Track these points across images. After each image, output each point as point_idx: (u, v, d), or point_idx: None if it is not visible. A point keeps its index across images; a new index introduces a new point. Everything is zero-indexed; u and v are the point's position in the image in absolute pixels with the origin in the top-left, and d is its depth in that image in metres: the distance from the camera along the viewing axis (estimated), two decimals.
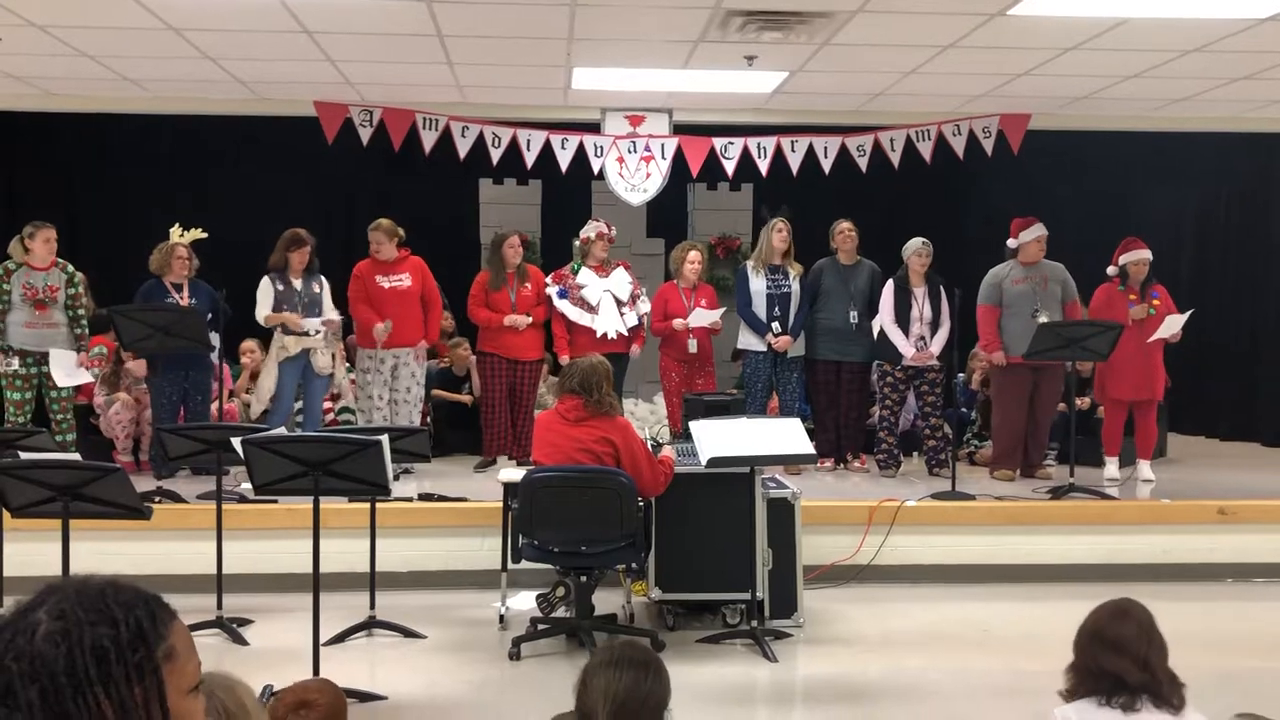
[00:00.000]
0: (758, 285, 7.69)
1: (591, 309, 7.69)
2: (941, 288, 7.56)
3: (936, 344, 7.51)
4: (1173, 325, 7.32)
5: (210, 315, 7.25)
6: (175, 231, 7.40)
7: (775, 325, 7.65)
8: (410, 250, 7.63)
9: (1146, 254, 7.43)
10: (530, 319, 7.63)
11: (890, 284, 7.62)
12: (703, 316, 7.73)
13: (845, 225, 7.82)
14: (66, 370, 6.84)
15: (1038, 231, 7.52)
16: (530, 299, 7.71)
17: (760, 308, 7.69)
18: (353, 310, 7.54)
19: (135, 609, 1.32)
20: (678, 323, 7.73)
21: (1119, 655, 2.69)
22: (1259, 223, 10.25)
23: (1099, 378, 7.73)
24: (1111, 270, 7.51)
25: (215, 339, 7.19)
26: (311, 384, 7.43)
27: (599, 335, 7.61)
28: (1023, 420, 7.55)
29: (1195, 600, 5.89)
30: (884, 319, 7.58)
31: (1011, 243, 7.59)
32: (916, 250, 7.59)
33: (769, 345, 7.66)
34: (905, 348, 7.48)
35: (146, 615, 1.32)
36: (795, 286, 7.69)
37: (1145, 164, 10.17)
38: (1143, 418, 7.55)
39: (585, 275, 7.75)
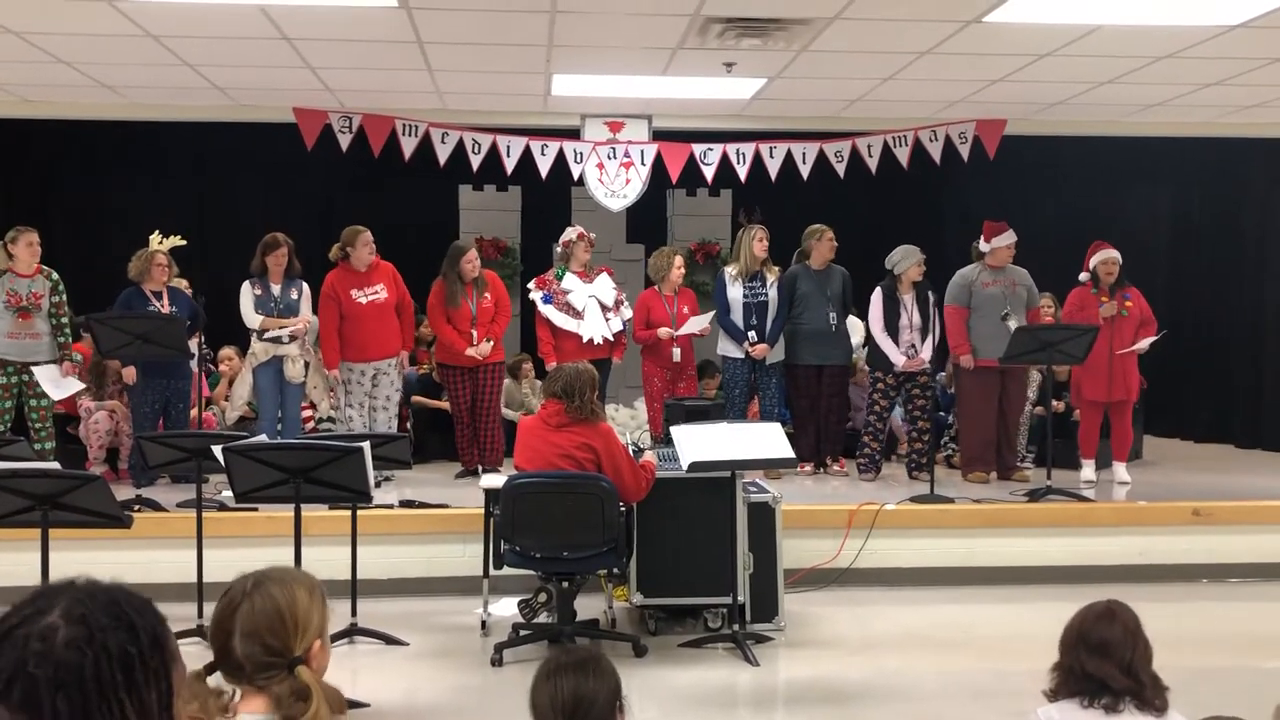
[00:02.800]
0: (735, 294, 7.73)
1: (577, 314, 7.68)
2: (930, 294, 7.63)
3: (927, 350, 7.57)
4: (1142, 345, 7.45)
5: (189, 322, 7.22)
6: (154, 239, 7.36)
7: (752, 334, 7.69)
8: (381, 257, 7.51)
9: (1114, 254, 7.52)
10: (491, 344, 7.53)
11: (879, 292, 7.66)
12: (693, 324, 7.76)
13: (831, 234, 7.85)
14: (55, 382, 6.80)
15: (1010, 238, 7.62)
16: (490, 309, 7.59)
17: (738, 316, 7.73)
18: (323, 334, 7.35)
19: (147, 614, 1.32)
20: (663, 332, 7.74)
21: (1104, 659, 2.71)
22: (1232, 226, 10.37)
23: (1074, 381, 7.80)
24: (1083, 276, 7.58)
25: (194, 346, 7.15)
26: (288, 391, 7.38)
27: (585, 340, 7.60)
28: (992, 422, 7.61)
29: (1171, 601, 5.94)
30: (874, 328, 7.62)
31: (984, 246, 7.67)
32: (918, 261, 7.62)
33: (746, 353, 7.70)
34: (896, 356, 7.52)
35: (157, 621, 1.33)
36: (772, 294, 7.74)
37: (1120, 169, 10.27)
38: (1118, 420, 7.63)
39: (570, 280, 7.75)
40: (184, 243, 7.50)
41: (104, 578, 1.36)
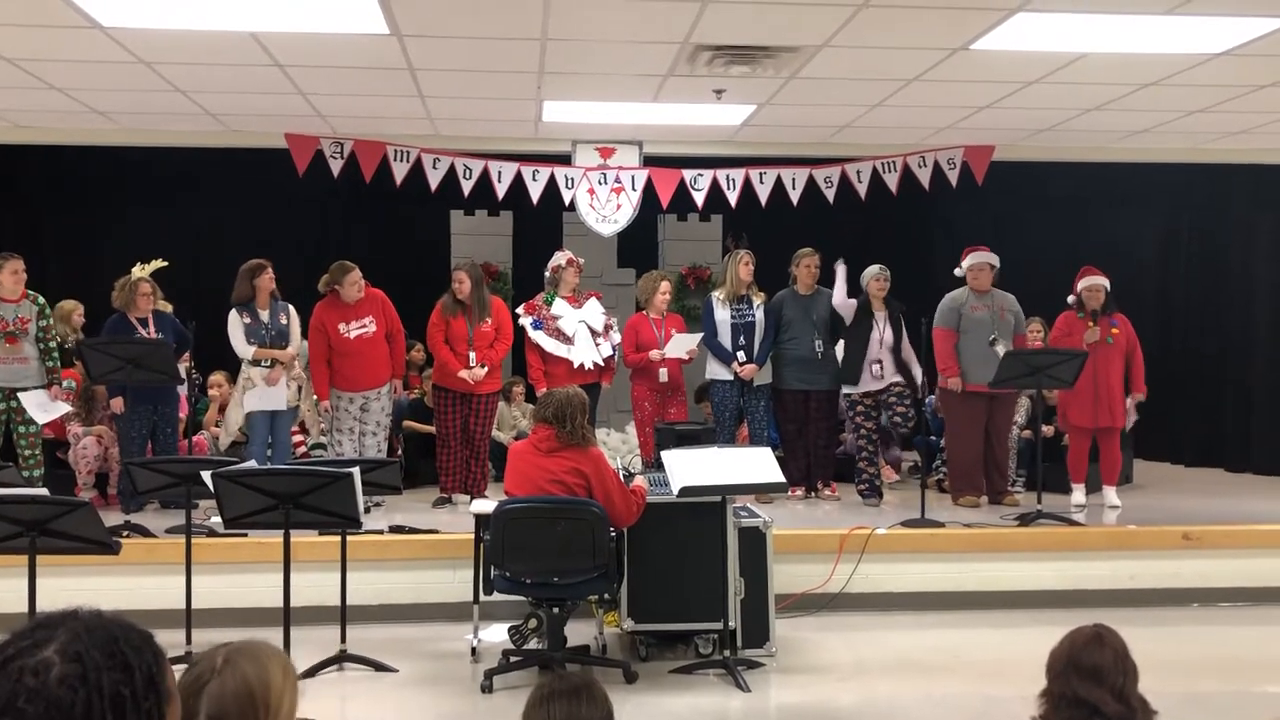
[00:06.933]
0: (722, 315, 7.78)
1: (567, 340, 7.69)
2: (901, 315, 7.67)
3: (890, 369, 7.60)
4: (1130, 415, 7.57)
5: (175, 347, 7.20)
6: (137, 269, 7.35)
7: (740, 354, 7.72)
8: (372, 283, 7.48)
9: (1099, 280, 7.55)
10: (486, 370, 7.48)
11: (854, 303, 7.70)
12: (680, 344, 7.77)
13: (815, 259, 7.90)
14: (42, 406, 6.78)
15: (979, 258, 7.66)
16: (489, 334, 7.54)
17: (725, 337, 7.76)
18: (313, 366, 7.35)
19: (144, 653, 1.30)
20: (654, 354, 7.76)
21: (1096, 684, 2.71)
22: (1218, 251, 10.44)
23: (1060, 406, 7.83)
24: (1072, 299, 7.63)
25: (182, 370, 7.14)
26: (279, 416, 7.35)
27: (575, 366, 7.61)
28: (978, 447, 7.63)
29: (1161, 625, 5.95)
30: (836, 297, 7.65)
31: (958, 271, 7.73)
32: (874, 275, 7.69)
33: (735, 374, 7.72)
34: (842, 300, 7.59)
35: (154, 660, 1.31)
36: (759, 315, 7.77)
37: (1106, 194, 10.36)
38: (1106, 444, 7.65)
39: (559, 306, 7.75)
40: (165, 264, 7.48)
41: (104, 606, 1.35)
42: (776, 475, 5.26)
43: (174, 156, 9.24)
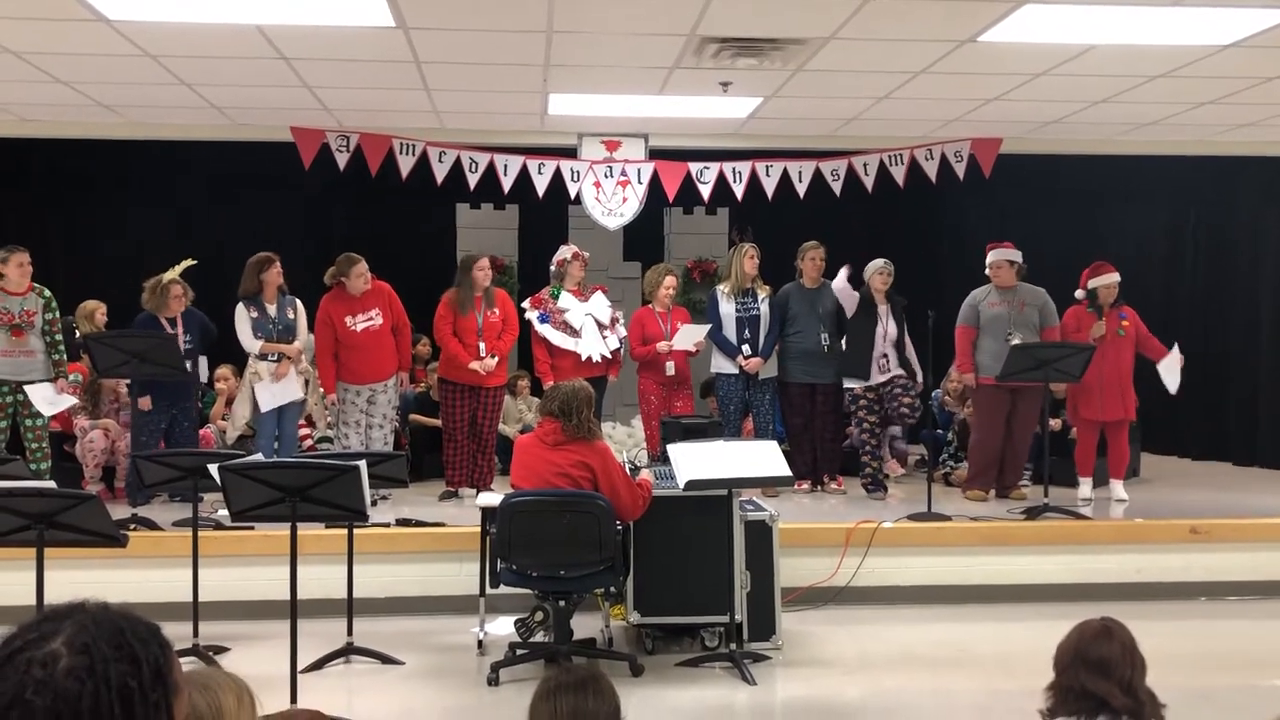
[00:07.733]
0: (727, 309, 7.77)
1: (575, 332, 7.68)
2: (904, 310, 7.66)
3: (893, 363, 7.60)
4: (1173, 368, 7.40)
5: (200, 341, 7.23)
6: (169, 272, 7.36)
7: (745, 348, 7.71)
8: (378, 276, 7.48)
9: (1116, 277, 7.53)
10: (496, 361, 7.49)
11: (857, 295, 7.69)
12: (689, 335, 7.75)
13: (820, 252, 7.89)
14: (48, 399, 6.80)
15: (998, 255, 7.64)
16: (497, 325, 7.55)
17: (730, 331, 7.75)
18: (319, 359, 7.37)
19: (151, 645, 1.30)
20: (661, 346, 7.75)
21: (1104, 677, 2.71)
22: (1226, 244, 10.40)
23: (1070, 399, 7.81)
24: (1079, 294, 7.60)
25: (204, 364, 7.17)
26: (286, 410, 7.36)
27: (583, 359, 7.61)
28: (998, 441, 7.61)
29: (1169, 619, 5.94)
30: (837, 283, 7.59)
31: (989, 272, 7.72)
32: (878, 269, 7.67)
33: (740, 367, 7.71)
34: (844, 289, 7.51)
35: (161, 652, 1.31)
36: (764, 308, 7.77)
37: (1115, 187, 10.32)
38: (1115, 438, 7.63)
39: (566, 299, 7.75)
40: (194, 263, 7.51)
41: (111, 599, 1.35)
42: (782, 469, 5.26)
43: (180, 150, 9.25)
